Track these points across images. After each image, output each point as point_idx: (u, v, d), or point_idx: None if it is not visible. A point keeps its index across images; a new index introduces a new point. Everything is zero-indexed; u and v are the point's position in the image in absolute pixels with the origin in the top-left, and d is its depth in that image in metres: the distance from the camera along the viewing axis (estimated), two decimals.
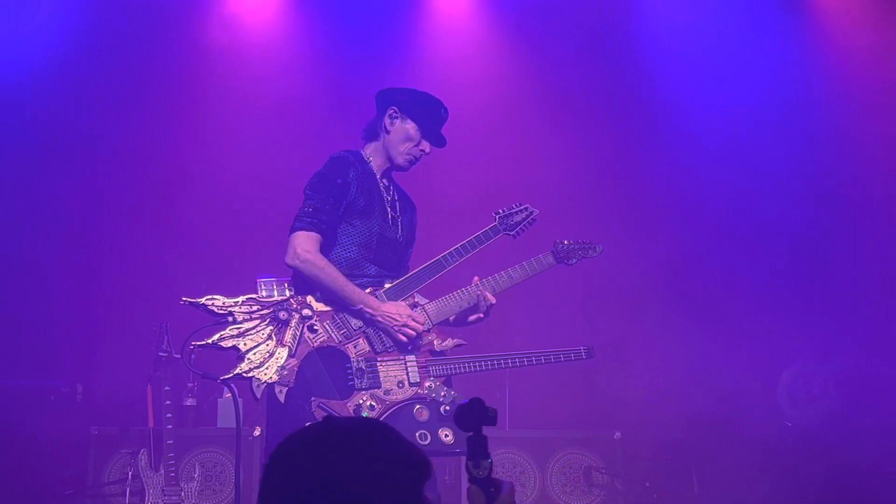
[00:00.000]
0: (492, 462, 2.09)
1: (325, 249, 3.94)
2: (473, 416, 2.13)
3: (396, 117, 4.08)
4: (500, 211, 4.19)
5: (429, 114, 4.10)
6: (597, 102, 7.27)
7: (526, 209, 4.21)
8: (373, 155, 4.12)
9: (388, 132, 4.09)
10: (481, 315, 4.11)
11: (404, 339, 3.90)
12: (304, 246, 3.85)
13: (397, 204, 4.14)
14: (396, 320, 3.89)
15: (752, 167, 7.16)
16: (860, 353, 6.57)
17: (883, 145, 7.14)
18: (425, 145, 4.11)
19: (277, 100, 6.97)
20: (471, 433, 2.12)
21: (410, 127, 4.07)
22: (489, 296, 4.05)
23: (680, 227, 7.04)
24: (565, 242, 4.23)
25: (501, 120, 7.25)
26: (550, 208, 4.60)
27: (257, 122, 6.93)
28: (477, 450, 2.10)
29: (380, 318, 3.89)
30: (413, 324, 3.91)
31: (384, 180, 4.13)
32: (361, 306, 3.88)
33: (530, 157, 7.13)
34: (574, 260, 4.23)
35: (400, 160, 4.11)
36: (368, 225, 3.98)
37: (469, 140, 6.51)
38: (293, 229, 3.90)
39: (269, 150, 6.70)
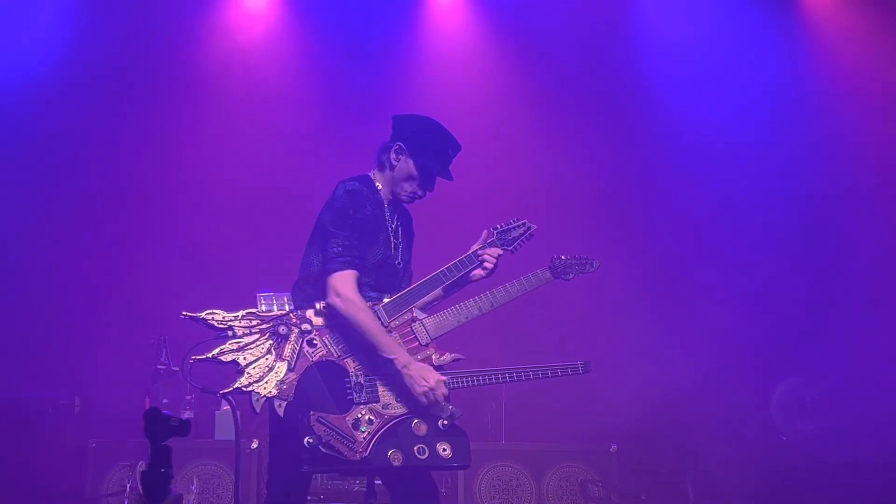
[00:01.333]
0: (171, 471, 2.13)
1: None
2: (158, 427, 2.16)
3: (402, 154, 4.05)
4: (498, 226, 4.20)
5: (433, 156, 4.05)
6: (591, 114, 7.32)
7: (524, 224, 4.21)
8: (380, 182, 4.11)
9: (392, 168, 4.07)
10: (483, 273, 4.14)
11: (424, 401, 3.84)
12: (343, 286, 3.84)
13: (400, 230, 4.15)
14: (424, 384, 3.83)
15: (746, 182, 7.21)
16: (849, 367, 6.61)
17: (876, 158, 7.17)
18: (423, 188, 4.09)
19: (277, 115, 7.01)
20: (153, 443, 2.16)
21: (413, 167, 4.04)
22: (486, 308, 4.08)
23: (676, 241, 7.08)
24: (562, 258, 4.22)
25: (499, 130, 7.29)
26: (544, 217, 4.62)
27: (258, 138, 6.97)
28: (159, 460, 2.13)
29: (407, 376, 3.83)
30: (439, 392, 3.84)
31: (389, 207, 4.12)
32: (394, 357, 3.85)
33: (526, 167, 7.17)
34: (571, 275, 4.22)
35: (403, 196, 4.10)
36: (373, 252, 3.99)
37: (467, 149, 6.54)
38: (328, 272, 3.87)
39: (269, 165, 6.73)
